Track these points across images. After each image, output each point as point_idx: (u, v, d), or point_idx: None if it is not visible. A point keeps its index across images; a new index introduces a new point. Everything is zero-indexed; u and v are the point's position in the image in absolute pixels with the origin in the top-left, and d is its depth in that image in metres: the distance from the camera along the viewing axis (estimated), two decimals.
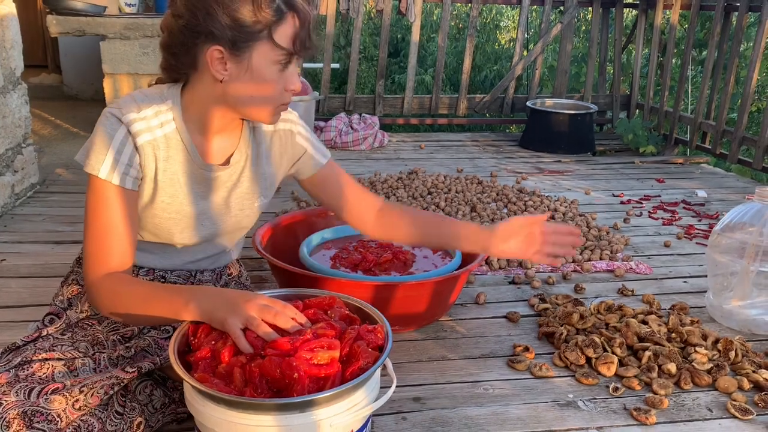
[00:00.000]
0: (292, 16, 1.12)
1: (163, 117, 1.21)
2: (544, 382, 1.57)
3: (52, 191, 2.89)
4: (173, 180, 1.24)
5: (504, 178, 3.40)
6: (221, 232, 1.35)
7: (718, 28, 3.89)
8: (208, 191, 1.29)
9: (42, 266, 2.12)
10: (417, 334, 1.77)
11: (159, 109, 1.21)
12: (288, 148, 1.40)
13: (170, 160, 1.23)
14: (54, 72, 5.33)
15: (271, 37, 1.12)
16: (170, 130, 1.22)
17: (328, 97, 4.40)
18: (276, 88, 1.17)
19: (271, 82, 1.15)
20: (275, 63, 1.14)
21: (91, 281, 1.16)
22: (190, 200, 1.27)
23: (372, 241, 1.99)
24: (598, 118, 4.65)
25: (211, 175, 1.28)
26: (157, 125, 1.20)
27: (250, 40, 1.12)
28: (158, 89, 1.24)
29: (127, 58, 3.15)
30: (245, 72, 1.14)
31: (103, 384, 1.05)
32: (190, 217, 1.28)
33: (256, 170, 1.34)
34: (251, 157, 1.33)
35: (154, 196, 1.23)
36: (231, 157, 1.30)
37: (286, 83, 1.17)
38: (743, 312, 1.86)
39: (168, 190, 1.24)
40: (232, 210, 1.33)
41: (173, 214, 1.26)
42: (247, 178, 1.33)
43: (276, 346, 1.01)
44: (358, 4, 4.21)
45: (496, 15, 7.46)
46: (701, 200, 3.14)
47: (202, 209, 1.29)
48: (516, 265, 2.25)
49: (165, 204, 1.25)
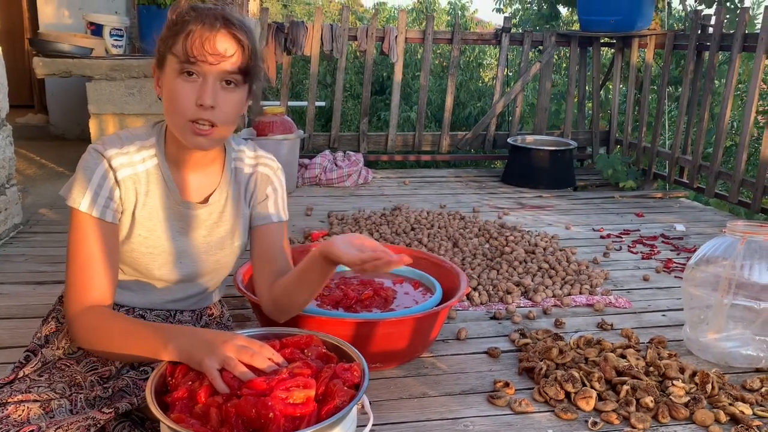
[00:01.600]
0: (185, 29, 1.16)
1: (146, 153, 1.25)
2: (524, 418, 1.58)
3: (36, 231, 2.89)
4: (151, 215, 1.26)
5: (486, 213, 3.44)
6: (200, 271, 1.37)
7: (691, 66, 4.01)
8: (187, 228, 1.31)
9: (23, 307, 2.11)
10: (398, 371, 1.78)
11: (142, 145, 1.26)
12: (257, 191, 1.41)
13: (150, 194, 1.26)
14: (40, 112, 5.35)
15: (171, 48, 1.17)
16: (152, 166, 1.25)
17: (313, 135, 4.46)
18: (184, 101, 1.17)
19: (179, 96, 1.17)
20: (177, 74, 1.17)
21: (72, 315, 1.18)
22: (168, 236, 1.29)
23: (354, 278, 2.01)
24: (578, 154, 4.74)
25: (189, 212, 1.30)
26: (139, 160, 1.24)
27: (164, 54, 1.19)
28: (145, 127, 1.28)
29: (113, 99, 3.19)
30: (165, 87, 1.20)
31: (79, 425, 1.05)
32: (168, 253, 1.30)
33: (236, 210, 1.37)
34: (232, 196, 1.36)
35: (131, 230, 1.26)
36: (211, 195, 1.32)
37: (197, 98, 1.16)
38: (719, 345, 1.88)
39: (146, 224, 1.26)
40: (211, 249, 1.35)
41: (150, 248, 1.28)
42: (228, 218, 1.36)
43: (252, 385, 1.02)
44: (342, 45, 4.30)
45: (479, 53, 7.63)
46: (680, 234, 3.19)
47: (180, 246, 1.31)
48: (497, 300, 2.28)
49: (142, 238, 1.27)
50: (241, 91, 1.22)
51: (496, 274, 2.49)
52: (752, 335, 1.86)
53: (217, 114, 1.18)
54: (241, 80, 1.20)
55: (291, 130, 3.67)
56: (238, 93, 1.21)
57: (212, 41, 1.15)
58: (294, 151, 3.71)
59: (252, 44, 1.21)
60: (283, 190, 1.45)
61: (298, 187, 3.88)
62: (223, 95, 1.18)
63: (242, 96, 1.23)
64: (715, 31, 3.82)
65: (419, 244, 2.80)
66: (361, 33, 4.33)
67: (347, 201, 3.62)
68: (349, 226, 3.05)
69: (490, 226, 3.08)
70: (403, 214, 3.25)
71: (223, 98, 1.18)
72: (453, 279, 1.97)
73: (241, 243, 1.40)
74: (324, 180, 3.94)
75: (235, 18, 1.19)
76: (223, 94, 1.18)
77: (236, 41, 1.18)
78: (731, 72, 3.67)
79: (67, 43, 3.20)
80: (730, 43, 3.69)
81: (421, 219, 3.16)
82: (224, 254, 1.38)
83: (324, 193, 3.76)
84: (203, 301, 1.46)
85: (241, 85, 1.21)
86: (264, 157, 1.42)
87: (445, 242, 2.80)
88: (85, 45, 3.29)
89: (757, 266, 1.84)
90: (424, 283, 2.00)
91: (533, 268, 2.54)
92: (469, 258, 2.65)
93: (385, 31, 4.35)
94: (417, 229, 3.01)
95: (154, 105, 3.19)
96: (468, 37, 4.64)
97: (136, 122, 3.22)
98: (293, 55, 4.36)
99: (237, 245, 1.39)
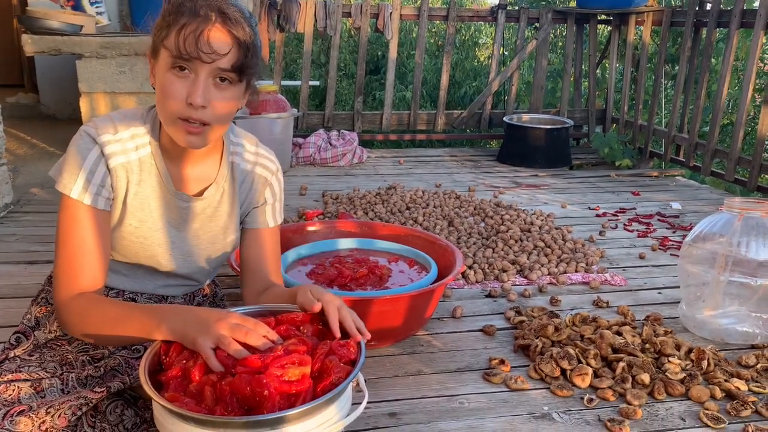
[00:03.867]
0: (179, 22, 1.10)
1: (140, 140, 1.21)
2: (520, 395, 1.58)
3: (27, 211, 2.86)
4: (143, 204, 1.23)
5: (482, 192, 3.43)
6: (191, 264, 1.34)
7: (688, 44, 3.97)
8: (179, 220, 1.28)
9: (14, 286, 2.09)
10: (393, 349, 1.77)
11: (136, 132, 1.20)
12: (253, 194, 1.36)
13: (142, 184, 1.22)
14: (31, 91, 5.28)
15: (164, 41, 1.11)
16: (145, 154, 1.21)
17: (307, 114, 4.42)
18: (175, 98, 1.11)
19: (169, 91, 1.11)
20: (169, 69, 1.11)
21: (62, 301, 1.15)
22: (159, 226, 1.26)
23: (348, 257, 2.00)
24: (574, 133, 4.72)
25: (183, 204, 1.27)
26: (132, 148, 1.20)
27: (158, 44, 1.13)
28: (139, 110, 1.24)
29: (104, 77, 3.14)
30: (157, 79, 1.15)
31: (70, 404, 1.04)
32: (159, 245, 1.27)
33: (231, 207, 1.34)
34: (228, 193, 1.32)
35: (122, 219, 1.23)
36: (207, 189, 1.29)
37: (187, 95, 1.11)
38: (715, 321, 1.88)
39: (137, 214, 1.23)
40: (202, 242, 1.32)
41: (141, 238, 1.25)
42: (223, 214, 1.32)
43: (246, 363, 1.00)
44: (336, 22, 4.24)
45: (475, 32, 7.56)
46: (676, 212, 3.19)
47: (172, 238, 1.28)
48: (492, 278, 2.27)
49: (133, 228, 1.24)
50: (237, 88, 1.15)
51: (491, 252, 2.48)
52: (748, 312, 1.86)
53: (209, 113, 1.12)
54: (236, 78, 1.13)
55: (284, 108, 3.63)
56: (232, 91, 1.14)
57: (205, 37, 1.08)
58: (288, 130, 3.68)
59: (250, 39, 1.14)
60: (281, 193, 1.40)
61: (293, 166, 3.85)
62: (215, 93, 1.12)
63: (237, 94, 1.17)
64: (713, 6, 3.78)
65: (414, 222, 2.79)
66: (355, 10, 4.27)
67: (342, 180, 3.60)
68: (344, 205, 3.03)
69: (486, 205, 3.06)
70: (398, 193, 3.23)
71: (215, 97, 1.12)
72: (448, 257, 1.96)
73: (234, 238, 1.37)
74: (318, 159, 3.91)
75: (233, 10, 1.12)
76: (216, 93, 1.12)
77: (232, 37, 1.11)
78: (729, 49, 3.63)
79: (56, 20, 3.14)
80: (728, 19, 3.65)
81: (417, 198, 3.15)
82: (216, 249, 1.35)
83: (318, 173, 3.74)
84: (194, 288, 1.44)
85: (237, 83, 1.15)
86: (264, 157, 1.36)
87: (440, 221, 2.79)
88: (74, 22, 3.23)
89: (754, 243, 1.83)
90: (420, 261, 1.99)
91: (529, 247, 2.53)
92: (465, 237, 2.64)
93: (379, 8, 4.29)
94: (412, 208, 2.99)
95: (146, 83, 3.15)
96: (464, 13, 4.58)
97: (127, 101, 3.17)
98: (286, 33, 4.30)
99: (230, 241, 1.36)
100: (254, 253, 1.38)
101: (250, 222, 1.38)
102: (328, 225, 2.23)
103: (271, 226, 1.39)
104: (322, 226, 2.22)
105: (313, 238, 2.16)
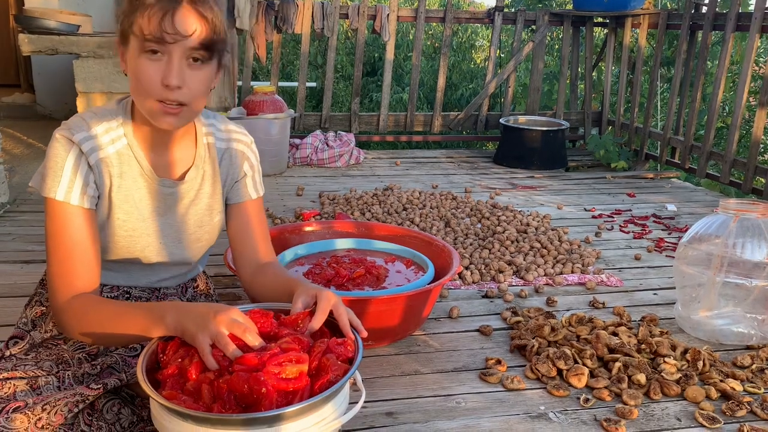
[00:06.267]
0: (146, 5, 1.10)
1: (114, 134, 1.21)
2: (516, 395, 1.58)
3: (23, 210, 2.85)
4: (128, 197, 1.23)
5: (478, 193, 3.43)
6: (183, 249, 1.34)
7: (684, 47, 3.99)
8: (164, 207, 1.29)
9: (10, 286, 2.09)
10: (390, 348, 1.77)
11: (109, 126, 1.21)
12: (234, 169, 1.37)
13: (124, 176, 1.22)
14: (27, 91, 5.27)
15: (132, 25, 1.12)
16: (121, 146, 1.22)
17: (304, 115, 4.42)
18: (150, 81, 1.12)
19: (143, 76, 1.12)
20: (141, 52, 1.12)
21: (58, 305, 1.15)
22: (145, 216, 1.26)
23: (345, 257, 2.00)
24: (570, 135, 4.73)
25: (166, 190, 1.27)
26: (108, 142, 1.20)
27: (127, 32, 1.13)
28: (109, 105, 1.24)
29: (101, 77, 3.14)
30: (129, 65, 1.15)
31: (66, 401, 1.03)
32: (148, 234, 1.27)
33: (212, 187, 1.34)
34: (209, 173, 1.33)
35: (110, 214, 1.23)
36: (187, 173, 1.29)
37: (162, 78, 1.11)
38: (711, 322, 1.89)
39: (123, 207, 1.23)
40: (190, 226, 1.33)
41: (130, 231, 1.25)
42: (205, 195, 1.33)
43: (243, 361, 1.00)
44: (333, 23, 4.25)
45: (472, 34, 7.57)
46: (671, 214, 3.20)
47: (160, 226, 1.28)
48: (489, 279, 2.27)
49: (121, 221, 1.24)
50: (209, 66, 1.17)
51: (488, 253, 2.48)
52: (743, 313, 1.87)
53: (185, 93, 1.13)
54: (207, 56, 1.14)
55: (281, 109, 3.63)
56: (205, 69, 1.16)
57: (172, 18, 1.09)
58: (285, 131, 3.68)
59: (218, 17, 1.15)
60: (258, 163, 1.42)
61: (289, 167, 3.85)
62: (189, 73, 1.13)
63: (210, 71, 1.18)
64: (709, 9, 3.79)
65: (411, 223, 2.79)
66: (353, 11, 4.28)
67: (339, 181, 3.60)
68: (341, 206, 3.04)
69: (482, 206, 3.07)
70: (395, 194, 3.23)
71: (190, 76, 1.13)
72: (445, 257, 1.96)
73: (220, 218, 1.38)
74: (315, 160, 3.91)
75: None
76: (189, 72, 1.13)
77: (198, 15, 1.11)
78: (724, 52, 3.65)
79: (53, 20, 3.14)
80: (724, 22, 3.67)
81: (413, 199, 3.15)
82: (204, 231, 1.36)
83: (315, 174, 3.74)
84: (188, 275, 1.45)
85: (208, 61, 1.16)
86: (236, 132, 1.38)
87: (437, 222, 2.79)
88: (71, 22, 3.23)
89: (749, 244, 1.84)
90: (416, 262, 1.99)
91: (525, 248, 2.54)
92: (461, 237, 2.65)
93: (376, 10, 4.29)
94: (409, 209, 2.99)
95: None
96: (460, 15, 4.59)
97: None
98: (284, 34, 4.30)
99: (216, 220, 1.37)
100: (242, 229, 1.39)
101: (233, 197, 1.39)
102: (325, 225, 2.23)
103: (254, 197, 1.40)
104: (320, 227, 2.22)
105: (310, 238, 2.16)
